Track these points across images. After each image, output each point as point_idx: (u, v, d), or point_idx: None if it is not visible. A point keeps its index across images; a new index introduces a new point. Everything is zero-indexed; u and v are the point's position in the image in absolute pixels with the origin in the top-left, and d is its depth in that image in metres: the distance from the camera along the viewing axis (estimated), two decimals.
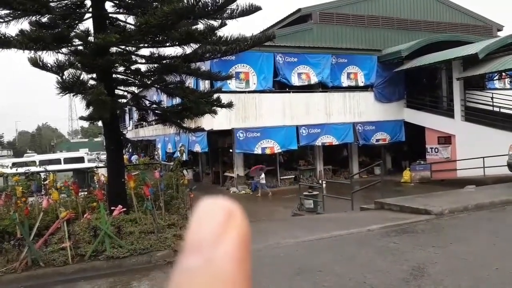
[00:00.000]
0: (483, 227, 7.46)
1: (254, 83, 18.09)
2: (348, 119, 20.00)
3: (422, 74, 21.36)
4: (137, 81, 8.70)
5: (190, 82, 16.08)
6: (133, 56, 8.48)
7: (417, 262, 5.63)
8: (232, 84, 17.66)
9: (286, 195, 16.89)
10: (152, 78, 8.49)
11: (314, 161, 20.59)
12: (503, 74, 20.84)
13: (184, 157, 20.23)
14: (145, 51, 8.60)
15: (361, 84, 20.42)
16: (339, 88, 20.05)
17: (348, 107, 20.15)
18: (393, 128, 20.70)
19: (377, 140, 20.44)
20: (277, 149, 18.14)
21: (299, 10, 20.82)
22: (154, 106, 9.07)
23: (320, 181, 17.26)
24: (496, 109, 20.33)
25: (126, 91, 9.11)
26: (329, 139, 19.36)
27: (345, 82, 20.11)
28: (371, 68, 20.46)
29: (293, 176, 19.54)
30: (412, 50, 19.45)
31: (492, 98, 21.21)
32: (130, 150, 23.58)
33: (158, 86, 8.66)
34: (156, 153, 23.65)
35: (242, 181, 18.36)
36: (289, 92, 18.99)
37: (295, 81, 18.85)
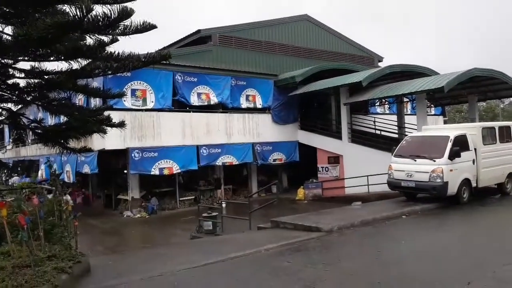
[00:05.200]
0: (367, 243, 8.02)
1: (152, 101, 17.53)
2: (248, 140, 20.44)
3: (315, 98, 22.87)
4: (14, 97, 7.76)
5: (80, 98, 15.02)
6: (10, 70, 7.56)
7: (308, 280, 5.78)
8: (128, 101, 16.90)
9: (185, 217, 16.45)
10: (33, 94, 7.64)
11: (215, 182, 20.52)
12: (383, 100, 23.29)
13: (72, 179, 18.70)
14: (25, 65, 7.74)
15: (259, 106, 21.10)
16: (238, 109, 20.45)
17: (247, 128, 20.62)
18: (288, 148, 21.69)
19: (274, 160, 21.19)
20: (176, 169, 17.68)
21: (198, 31, 20.94)
22: (34, 124, 8.16)
23: (220, 202, 17.21)
24: (378, 131, 22.60)
25: (0, 107, 8.07)
26: (229, 159, 19.51)
27: (244, 104, 20.60)
28: (268, 92, 21.31)
29: (193, 197, 19.18)
30: (305, 76, 20.76)
31: (374, 122, 23.56)
32: (6, 172, 20.90)
33: (40, 103, 7.82)
34: (40, 174, 21.32)
35: (138, 204, 17.43)
36: (189, 111, 18.79)
37: (194, 100, 18.73)
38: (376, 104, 24.74)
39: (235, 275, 6.34)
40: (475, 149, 11.69)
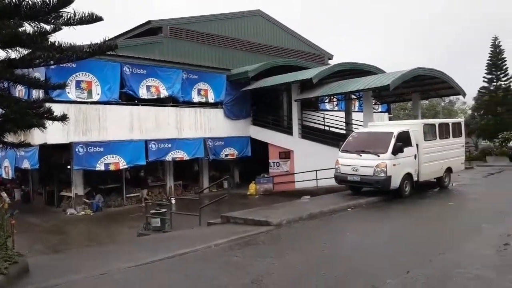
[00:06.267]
0: (314, 236, 8.21)
1: (98, 94, 16.84)
2: (199, 134, 20.21)
3: (267, 94, 23.05)
4: None
5: (20, 90, 14.15)
6: None
7: (256, 274, 5.83)
8: (72, 93, 16.14)
9: (132, 214, 16.00)
10: None
11: (164, 177, 20.13)
12: (332, 97, 23.92)
13: (11, 175, 17.58)
14: None
15: (211, 100, 20.92)
16: (190, 104, 20.15)
17: (199, 123, 20.38)
18: (240, 143, 21.72)
19: (226, 155, 21.14)
20: (122, 165, 17.11)
21: (149, 22, 20.36)
22: None
23: (169, 198, 16.90)
24: (327, 127, 23.20)
25: None
26: (180, 154, 19.18)
27: (195, 98, 20.33)
28: (220, 86, 21.17)
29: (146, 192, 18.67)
30: (258, 72, 20.84)
31: (323, 118, 24.16)
32: None
33: None
34: None
35: (82, 201, 16.71)
36: (138, 104, 18.24)
37: (143, 93, 18.21)
38: (325, 101, 25.36)
39: (184, 272, 6.25)
40: (417, 144, 12.29)
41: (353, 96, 22.60)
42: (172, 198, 16.25)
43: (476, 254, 6.24)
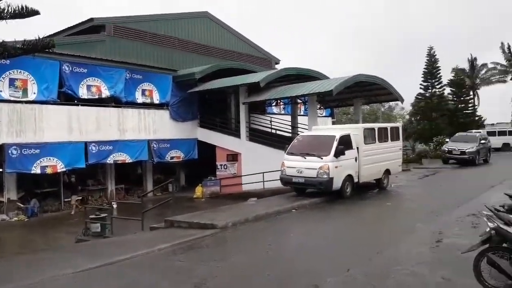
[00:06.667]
0: (259, 237, 8.25)
1: (34, 93, 15.83)
2: (143, 136, 19.61)
3: (214, 96, 22.89)
4: None
5: None
6: None
7: (199, 278, 5.74)
8: (5, 92, 15.07)
9: (71, 219, 15.19)
10: None
11: (105, 181, 19.33)
12: (279, 101, 24.29)
13: None
14: None
15: (156, 101, 20.40)
16: (134, 104, 19.52)
17: (143, 124, 19.78)
18: (187, 146, 21.36)
19: (172, 158, 20.69)
20: (60, 167, 16.17)
21: (91, 19, 19.51)
22: None
23: (111, 202, 16.22)
24: (274, 131, 23.50)
25: None
26: (122, 157, 18.48)
27: (140, 99, 19.72)
28: (166, 87, 20.72)
29: (80, 198, 17.76)
30: (205, 74, 20.66)
31: (270, 121, 24.45)
32: None
33: None
34: None
35: (15, 207, 15.57)
36: (77, 105, 17.37)
37: (83, 93, 17.37)
38: (272, 105, 25.68)
39: (123, 278, 6.02)
40: (357, 147, 12.78)
41: (298, 101, 23.07)
42: (113, 202, 15.56)
43: (411, 252, 6.57)
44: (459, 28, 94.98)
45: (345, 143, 12.25)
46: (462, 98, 37.49)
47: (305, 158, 12.06)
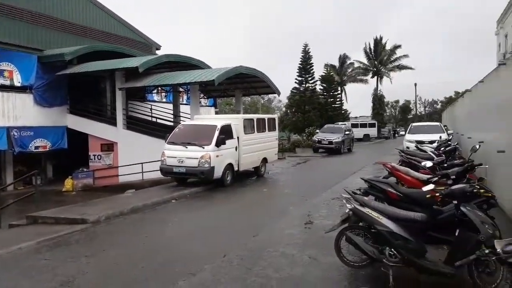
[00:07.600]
0: (135, 229, 7.92)
1: None
2: (2, 123, 17.21)
3: (88, 81, 21.12)
4: None
5: None
6: None
7: (67, 275, 5.30)
8: None
9: None
10: None
11: None
12: (160, 88, 23.56)
13: None
14: None
15: (17, 84, 18.05)
16: None
17: (1, 109, 17.34)
18: (55, 134, 19.35)
19: (37, 147, 18.55)
20: None
21: None
22: None
23: None
24: (154, 119, 22.73)
25: None
26: None
27: None
28: (30, 68, 18.43)
29: None
30: (76, 55, 18.95)
31: (151, 109, 23.60)
32: None
33: None
34: None
35: None
36: None
37: None
38: (153, 92, 24.81)
39: None
40: (238, 137, 13.12)
41: (180, 89, 22.70)
42: None
43: (283, 234, 6.99)
44: (339, 28, 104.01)
45: (226, 132, 12.47)
46: (331, 93, 41.28)
47: (186, 147, 11.94)
